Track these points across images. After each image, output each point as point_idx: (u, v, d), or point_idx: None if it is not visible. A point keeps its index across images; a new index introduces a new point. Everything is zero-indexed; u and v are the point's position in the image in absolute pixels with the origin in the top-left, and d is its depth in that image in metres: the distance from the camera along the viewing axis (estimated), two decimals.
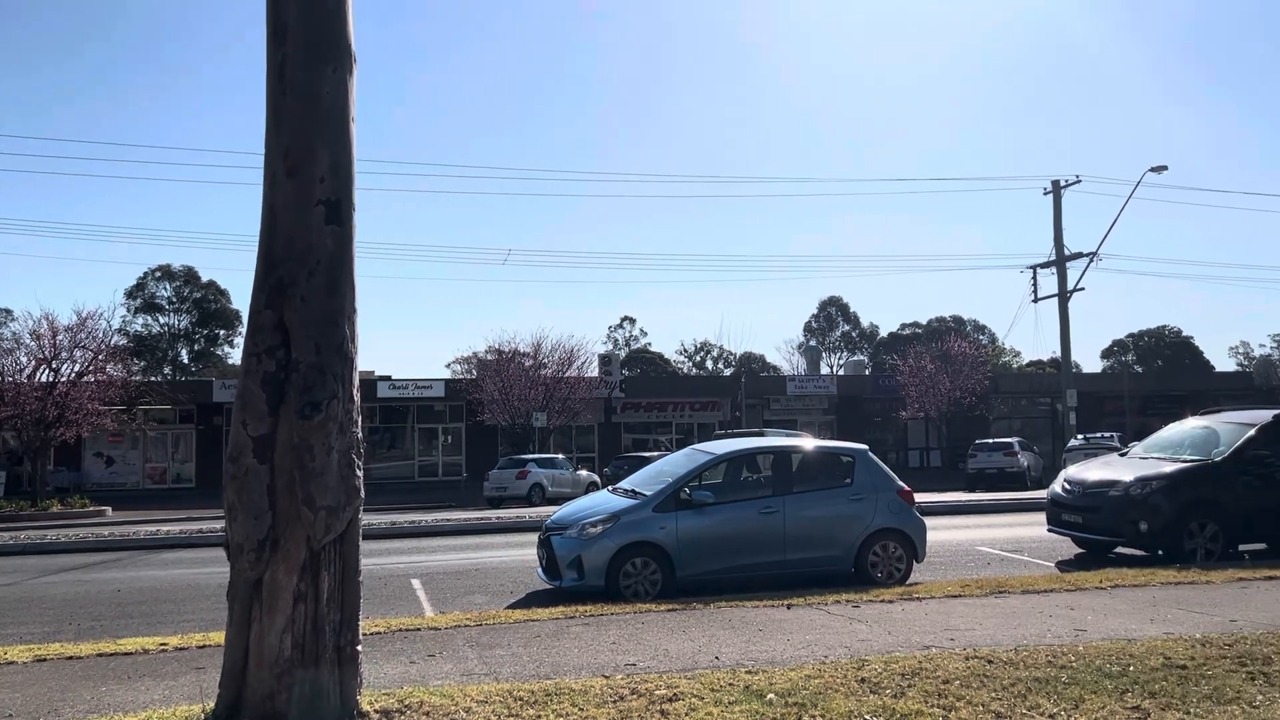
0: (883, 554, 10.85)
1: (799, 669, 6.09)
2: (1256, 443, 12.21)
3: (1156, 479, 11.95)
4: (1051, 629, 7.33)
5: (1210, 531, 11.69)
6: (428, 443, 44.52)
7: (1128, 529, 11.87)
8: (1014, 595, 8.90)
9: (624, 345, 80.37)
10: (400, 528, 18.68)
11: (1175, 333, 77.71)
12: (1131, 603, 8.40)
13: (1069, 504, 12.79)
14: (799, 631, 7.43)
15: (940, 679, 5.76)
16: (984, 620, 7.75)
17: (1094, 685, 5.57)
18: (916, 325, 78.97)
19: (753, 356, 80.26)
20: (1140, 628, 7.30)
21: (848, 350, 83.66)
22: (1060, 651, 6.42)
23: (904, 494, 11.19)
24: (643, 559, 10.10)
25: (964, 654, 6.43)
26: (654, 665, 6.39)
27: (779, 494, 10.83)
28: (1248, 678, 5.71)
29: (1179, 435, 13.54)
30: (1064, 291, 36.16)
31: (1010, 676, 5.79)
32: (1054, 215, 36.40)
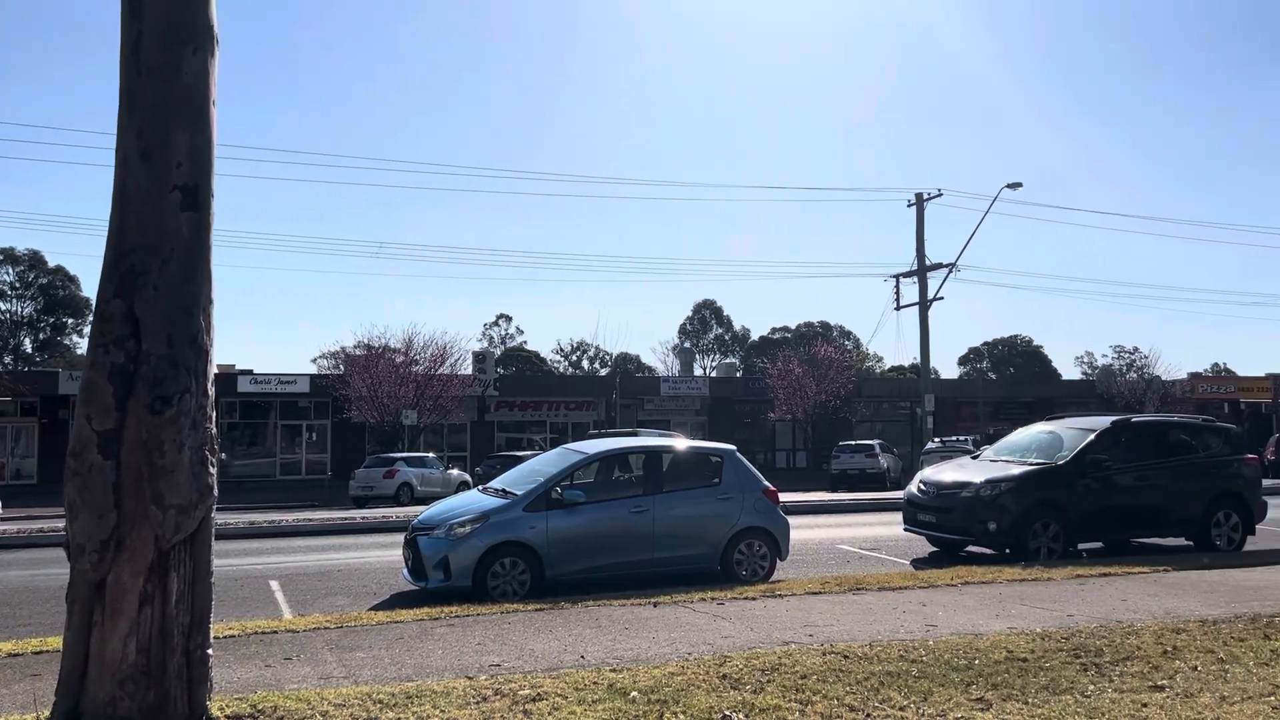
0: (748, 552, 11.08)
1: (663, 666, 6.17)
2: (1095, 447, 12.98)
3: (1005, 481, 12.57)
4: (905, 624, 7.63)
5: (1053, 531, 12.37)
6: (291, 440, 43.13)
7: (978, 528, 12.45)
8: (871, 592, 9.22)
9: (499, 343, 79.66)
10: (259, 527, 18.04)
11: (1026, 342, 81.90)
12: (979, 599, 8.81)
13: (924, 504, 13.33)
14: (664, 629, 7.52)
15: (799, 674, 5.92)
16: (842, 616, 8.01)
17: (942, 678, 5.82)
18: (786, 330, 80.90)
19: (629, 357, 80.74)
20: (987, 623, 7.66)
21: (721, 353, 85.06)
22: (912, 646, 6.69)
23: (769, 494, 11.46)
24: (512, 559, 10.03)
25: (822, 649, 6.63)
26: (519, 665, 6.36)
27: (649, 493, 10.93)
28: (1081, 669, 6.07)
29: (1026, 439, 14.28)
30: (924, 300, 37.64)
31: (864, 671, 6.00)
32: (916, 227, 37.87)
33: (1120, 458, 13.09)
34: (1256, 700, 5.34)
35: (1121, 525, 13.07)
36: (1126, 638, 6.90)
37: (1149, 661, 6.23)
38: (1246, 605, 8.28)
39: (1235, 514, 13.38)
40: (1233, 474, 13.61)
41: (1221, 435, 14.12)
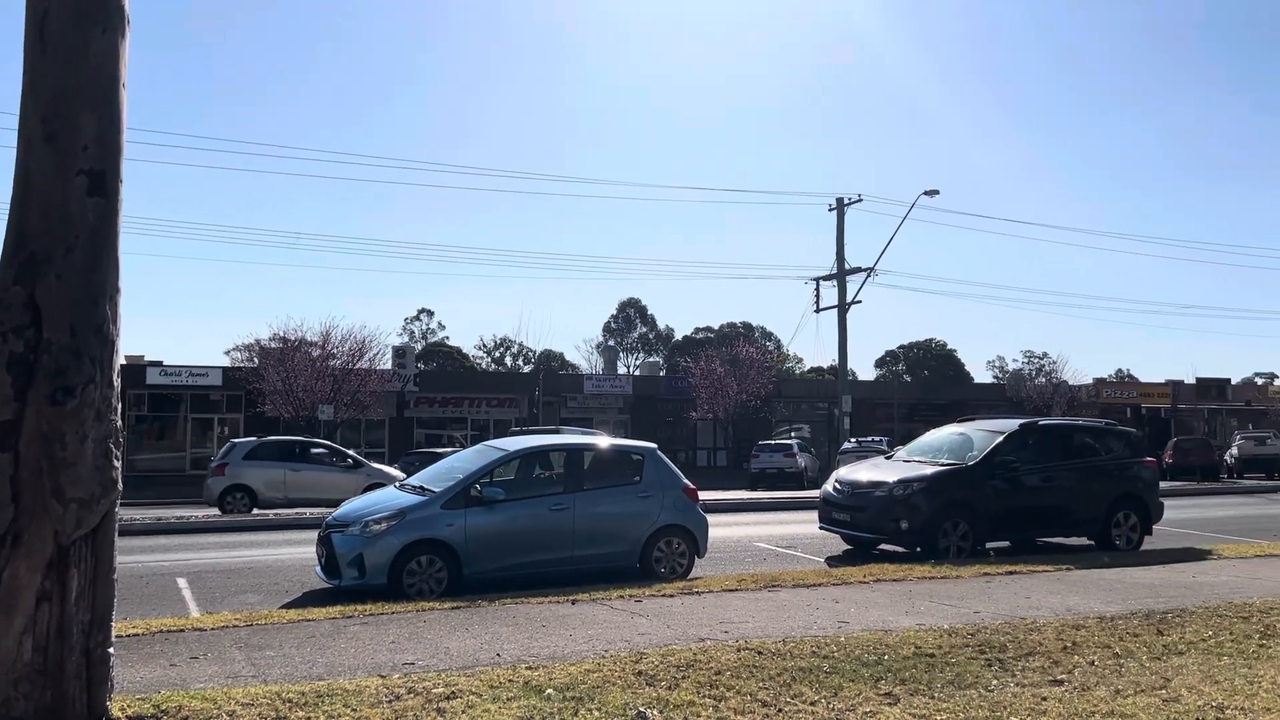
0: (667, 550, 11.15)
1: (579, 664, 6.18)
2: (1004, 449, 13.37)
3: (917, 481, 12.87)
4: (818, 621, 7.77)
5: (962, 530, 12.70)
6: (202, 434, 41.95)
7: (890, 527, 12.73)
8: (786, 589, 9.36)
9: (421, 338, 78.67)
10: (167, 523, 17.53)
11: (941, 346, 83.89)
12: (890, 596, 9.02)
13: (839, 503, 13.57)
14: (582, 627, 7.53)
15: (713, 670, 5.99)
16: (757, 613, 8.12)
17: (852, 674, 5.95)
18: (710, 330, 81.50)
19: (552, 354, 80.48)
20: (897, 619, 7.84)
21: (645, 351, 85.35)
22: (824, 642, 6.82)
23: (689, 492, 11.55)
24: (429, 557, 9.93)
25: (737, 646, 6.71)
26: (434, 664, 6.31)
27: (570, 491, 10.92)
28: (986, 664, 6.26)
29: (938, 441, 14.63)
30: (843, 303, 38.29)
31: (778, 667, 6.10)
32: (837, 231, 38.51)
33: (1027, 459, 13.50)
34: (1148, 694, 5.56)
35: (1027, 525, 13.48)
36: (1029, 634, 7.13)
37: (1050, 657, 6.45)
38: (1142, 602, 8.61)
39: (1134, 515, 13.91)
40: (1133, 476, 14.14)
41: (1123, 439, 14.67)
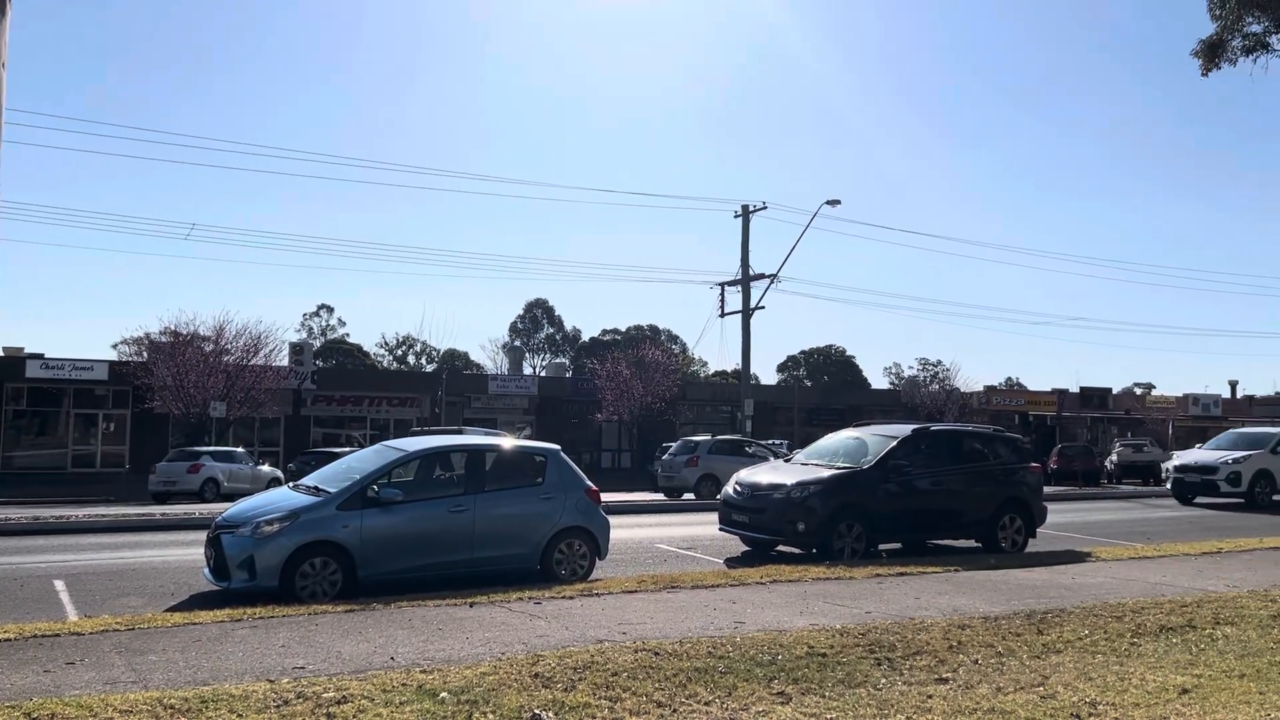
0: (568, 551, 11.13)
1: (475, 666, 6.12)
2: (897, 453, 13.73)
3: (813, 484, 13.12)
4: (715, 622, 7.85)
5: (856, 532, 13.00)
6: (85, 430, 40.20)
7: (788, 529, 12.95)
8: (684, 590, 9.44)
9: (320, 335, 76.90)
10: (45, 523, 16.76)
11: (840, 352, 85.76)
12: (786, 597, 9.17)
13: (739, 505, 13.75)
14: (479, 629, 7.46)
15: (610, 671, 6.01)
16: (656, 614, 8.17)
17: (746, 673, 6.04)
18: (617, 332, 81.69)
19: (456, 353, 79.59)
20: (791, 620, 7.98)
21: (551, 352, 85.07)
22: (720, 642, 6.90)
23: (592, 493, 11.55)
24: (323, 559, 9.72)
25: (634, 647, 6.74)
26: (324, 668, 6.17)
27: (470, 492, 10.81)
28: (875, 663, 6.42)
29: (835, 444, 14.95)
30: (747, 309, 38.81)
31: (674, 667, 6.15)
32: (742, 237, 39.00)
33: (919, 464, 13.89)
34: (1027, 690, 5.78)
35: (919, 527, 13.88)
36: (917, 633, 7.34)
37: (936, 655, 6.65)
38: (1024, 603, 8.94)
39: (1019, 518, 14.43)
40: (1018, 481, 14.67)
41: (1009, 445, 15.21)
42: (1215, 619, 8.02)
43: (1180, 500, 24.79)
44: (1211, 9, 17.89)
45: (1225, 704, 5.45)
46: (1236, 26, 17.86)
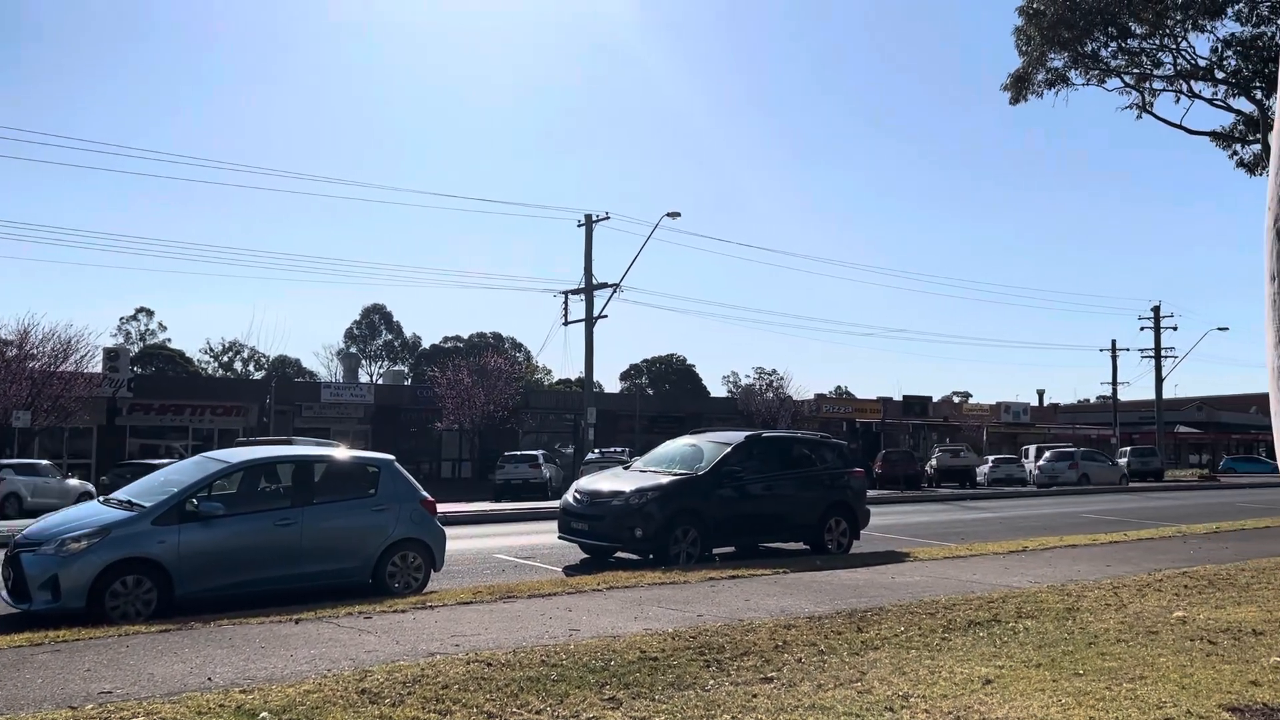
0: (402, 564, 10.90)
1: (298, 684, 5.92)
2: (731, 460, 14.11)
3: (651, 490, 13.33)
4: (549, 630, 7.86)
5: (692, 537, 13.27)
6: None
7: (626, 535, 13.10)
8: (521, 599, 9.40)
9: (138, 340, 72.64)
10: None
11: (681, 361, 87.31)
12: (621, 602, 9.27)
13: (578, 513, 13.81)
14: (304, 646, 7.22)
15: (440, 684, 5.93)
16: (490, 625, 8.10)
17: (579, 680, 6.07)
18: (459, 339, 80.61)
19: (287, 360, 76.71)
20: (626, 625, 8.08)
21: (390, 359, 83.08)
22: (554, 651, 6.91)
23: (427, 504, 11.35)
24: (136, 577, 9.18)
25: (466, 658, 6.67)
26: (135, 691, 5.84)
27: (298, 505, 10.45)
28: (704, 665, 6.57)
29: (672, 451, 15.22)
30: (590, 317, 39.04)
31: (506, 677, 6.12)
32: (585, 246, 39.22)
33: (752, 469, 14.32)
34: (846, 686, 6.04)
35: (752, 531, 14.29)
36: (746, 634, 7.55)
37: (763, 655, 6.86)
38: (847, 602, 9.34)
39: (845, 521, 15.06)
40: (844, 485, 15.31)
41: (835, 450, 15.86)
42: (1018, 613, 8.59)
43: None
44: (1018, 45, 19.24)
45: (1023, 692, 5.85)
46: (1040, 62, 19.26)
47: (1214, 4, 18.29)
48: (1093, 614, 8.55)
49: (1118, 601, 9.22)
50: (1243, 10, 18.19)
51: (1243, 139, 18.53)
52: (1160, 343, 59.50)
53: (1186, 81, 19.34)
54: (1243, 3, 18.13)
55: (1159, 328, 59.53)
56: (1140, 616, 8.44)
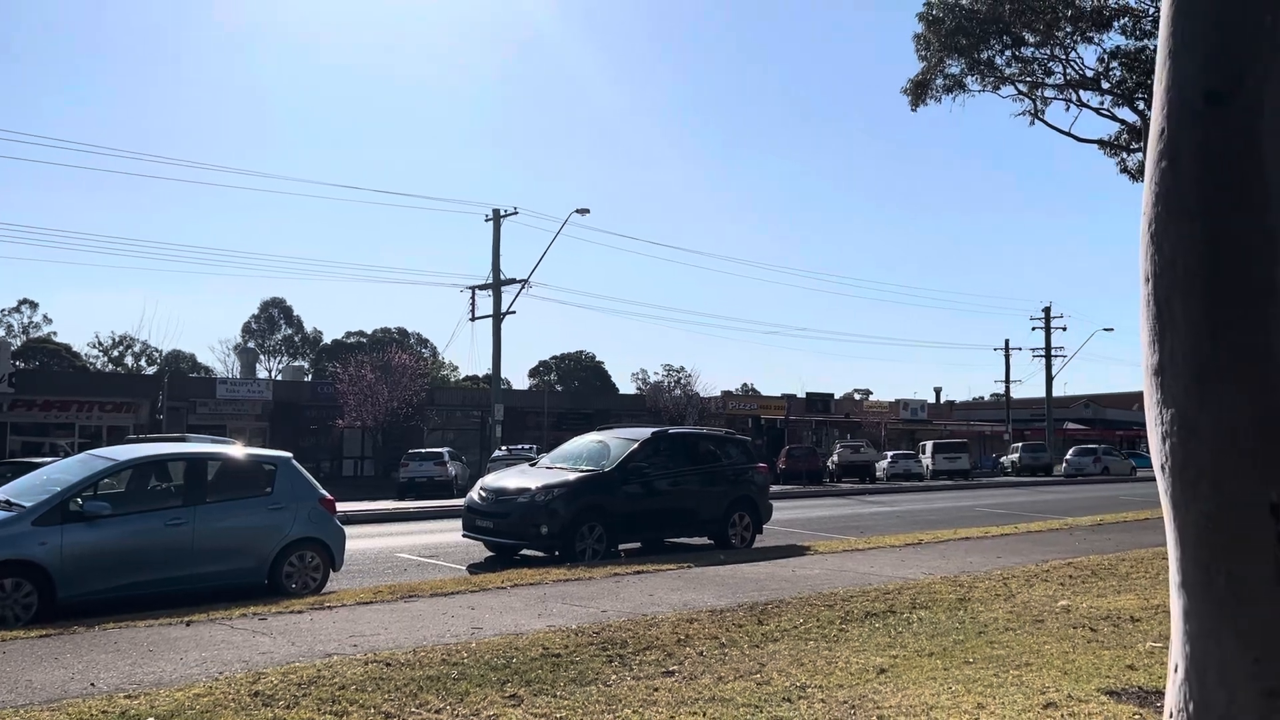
0: (299, 564, 10.66)
1: (188, 688, 5.74)
2: (637, 456, 14.18)
3: (558, 487, 13.30)
4: (451, 629, 7.78)
5: (598, 533, 13.29)
6: None
7: (531, 532, 13.04)
8: (423, 598, 9.28)
9: (20, 333, 69.36)
10: None
11: (590, 358, 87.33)
12: (525, 600, 9.23)
13: (483, 510, 13.70)
14: (195, 649, 7.00)
15: (337, 685, 5.81)
16: (390, 624, 7.98)
17: (480, 679, 6.02)
18: (362, 334, 79.09)
19: (182, 355, 74.37)
20: (529, 622, 8.04)
21: (290, 355, 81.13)
22: (455, 649, 6.85)
23: (326, 503, 11.12)
24: (14, 580, 8.78)
25: (364, 659, 6.56)
26: (11, 700, 5.58)
27: (190, 504, 10.13)
28: (607, 660, 6.59)
29: (579, 448, 15.22)
30: (498, 313, 38.74)
31: (405, 677, 6.03)
32: (493, 241, 38.91)
33: (658, 465, 14.42)
34: (746, 678, 6.13)
35: (657, 526, 14.38)
36: (649, 629, 7.60)
37: (665, 649, 6.91)
38: (748, 595, 9.47)
39: (748, 516, 15.27)
40: (747, 481, 15.52)
41: (739, 446, 16.07)
42: (912, 604, 8.83)
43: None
44: (918, 51, 19.77)
45: (915, 681, 6.02)
46: (939, 68, 19.82)
47: (1101, 17, 19.09)
48: (983, 604, 8.85)
49: (1007, 591, 9.55)
50: (1127, 24, 19.03)
51: (1126, 147, 19.40)
52: (1050, 342, 61.93)
53: (1076, 91, 20.13)
54: (1127, 17, 18.96)
55: (1049, 328, 61.92)
56: (1028, 606, 8.76)
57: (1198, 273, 3.64)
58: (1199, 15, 3.72)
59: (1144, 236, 3.83)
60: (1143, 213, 3.86)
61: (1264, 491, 3.51)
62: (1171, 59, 3.78)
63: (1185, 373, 3.67)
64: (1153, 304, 3.77)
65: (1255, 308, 3.59)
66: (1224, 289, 3.61)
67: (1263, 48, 3.66)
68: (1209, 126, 3.66)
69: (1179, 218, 3.70)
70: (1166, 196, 3.75)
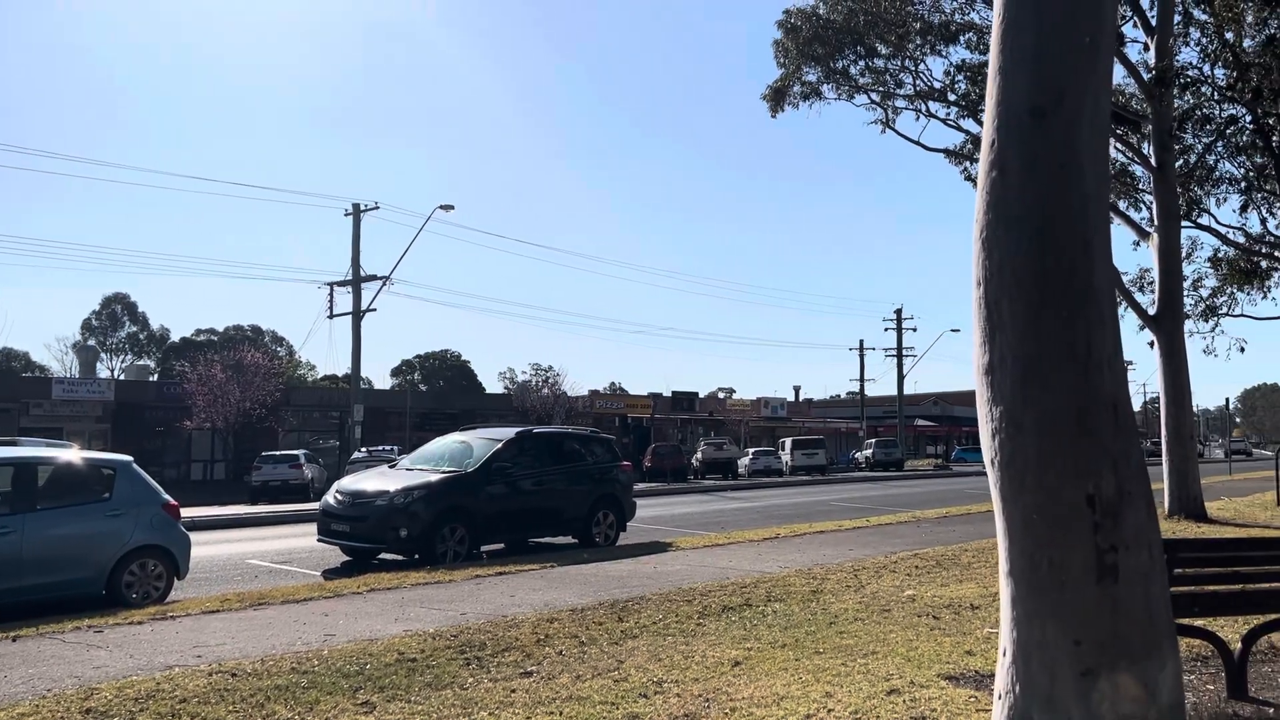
0: (140, 573, 10.15)
1: (11, 708, 5.39)
2: (501, 456, 14.05)
3: (418, 488, 13.04)
4: (303, 636, 7.54)
5: (460, 535, 13.10)
6: None
7: (390, 535, 12.75)
8: (274, 606, 8.97)
9: None
10: None
11: (456, 356, 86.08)
12: (382, 605, 9.02)
13: (339, 514, 13.31)
14: (22, 665, 6.57)
15: (178, 698, 5.56)
16: (238, 634, 7.68)
17: (331, 686, 5.86)
18: (213, 332, 75.82)
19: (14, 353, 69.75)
20: (385, 627, 7.87)
21: (134, 353, 77.08)
22: (306, 657, 6.64)
23: (169, 508, 10.61)
24: None
25: (209, 670, 6.29)
26: None
27: (19, 512, 9.50)
28: (464, 663, 6.51)
29: (441, 448, 14.97)
30: (358, 310, 37.73)
31: (252, 688, 5.82)
32: (353, 236, 37.86)
33: (523, 465, 14.32)
34: (603, 676, 6.16)
35: (521, 526, 14.28)
36: (508, 630, 7.55)
37: (524, 650, 6.88)
38: (610, 593, 9.52)
39: (612, 514, 15.33)
40: (612, 479, 15.58)
41: (604, 445, 16.12)
42: (768, 597, 9.05)
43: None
44: (777, 58, 20.27)
45: (768, 672, 6.18)
46: (797, 75, 20.36)
47: (948, 32, 19.99)
48: (834, 595, 9.14)
49: (857, 583, 9.90)
50: (972, 39, 19.98)
51: (970, 157, 20.35)
52: (901, 343, 64.41)
53: (925, 102, 21.00)
54: (972, 32, 19.91)
55: (900, 329, 64.45)
56: (876, 596, 9.10)
57: (1024, 277, 3.86)
58: (1025, 35, 3.94)
59: (976, 242, 4.03)
60: (976, 220, 4.06)
61: (1082, 484, 3.75)
62: (1001, 75, 4.00)
63: (1014, 372, 3.88)
64: (984, 306, 3.98)
65: (1075, 311, 3.83)
66: (1048, 293, 3.84)
67: (1082, 66, 3.91)
68: (1034, 139, 3.88)
69: (1008, 225, 3.91)
70: (997, 205, 3.96)
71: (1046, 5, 3.88)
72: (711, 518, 21.01)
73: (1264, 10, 17.41)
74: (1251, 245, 25.80)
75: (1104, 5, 3.95)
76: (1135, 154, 19.58)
